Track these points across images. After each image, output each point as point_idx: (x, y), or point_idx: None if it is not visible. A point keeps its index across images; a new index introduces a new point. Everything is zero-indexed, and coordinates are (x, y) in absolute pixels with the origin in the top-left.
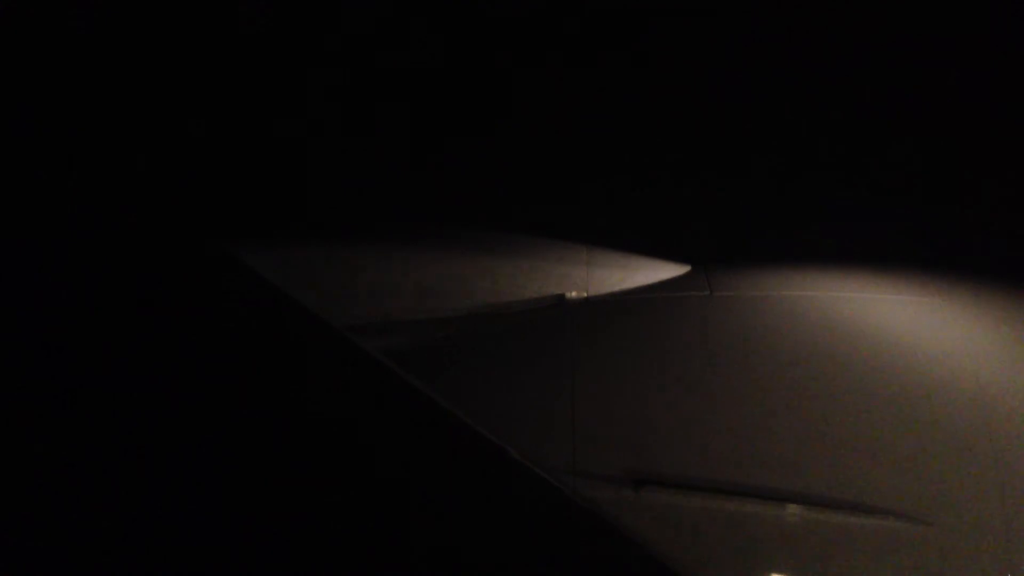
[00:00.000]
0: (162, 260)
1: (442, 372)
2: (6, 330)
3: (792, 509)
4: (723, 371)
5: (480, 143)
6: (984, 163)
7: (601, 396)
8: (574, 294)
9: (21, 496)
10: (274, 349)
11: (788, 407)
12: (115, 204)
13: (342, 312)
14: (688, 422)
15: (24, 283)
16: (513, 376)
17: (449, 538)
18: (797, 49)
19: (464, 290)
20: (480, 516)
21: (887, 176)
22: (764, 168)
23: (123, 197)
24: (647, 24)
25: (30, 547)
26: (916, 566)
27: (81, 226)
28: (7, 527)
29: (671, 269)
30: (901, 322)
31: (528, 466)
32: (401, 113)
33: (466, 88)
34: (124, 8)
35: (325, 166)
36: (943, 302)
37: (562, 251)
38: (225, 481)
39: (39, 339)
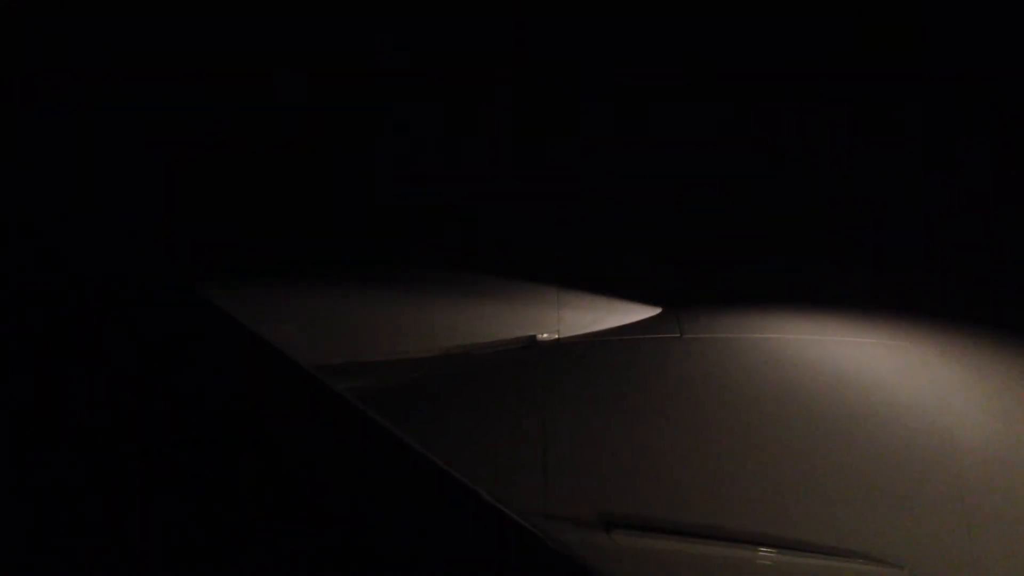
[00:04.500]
0: (128, 299)
1: (412, 413)
2: None
3: (764, 552)
4: (694, 413)
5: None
6: (956, 204)
7: (572, 438)
8: (545, 335)
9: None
10: (241, 388)
11: (758, 450)
12: (81, 240)
13: (310, 352)
14: (659, 465)
15: None
16: (484, 418)
17: None
18: (770, 79)
19: (434, 331)
20: (453, 559)
21: (857, 219)
22: (736, 208)
23: (88, 233)
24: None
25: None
26: None
27: (45, 262)
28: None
29: (642, 311)
30: (870, 366)
31: (500, 509)
32: (368, 151)
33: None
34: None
35: (293, 204)
36: (911, 346)
37: (532, 292)
38: (192, 519)
39: (9, 371)
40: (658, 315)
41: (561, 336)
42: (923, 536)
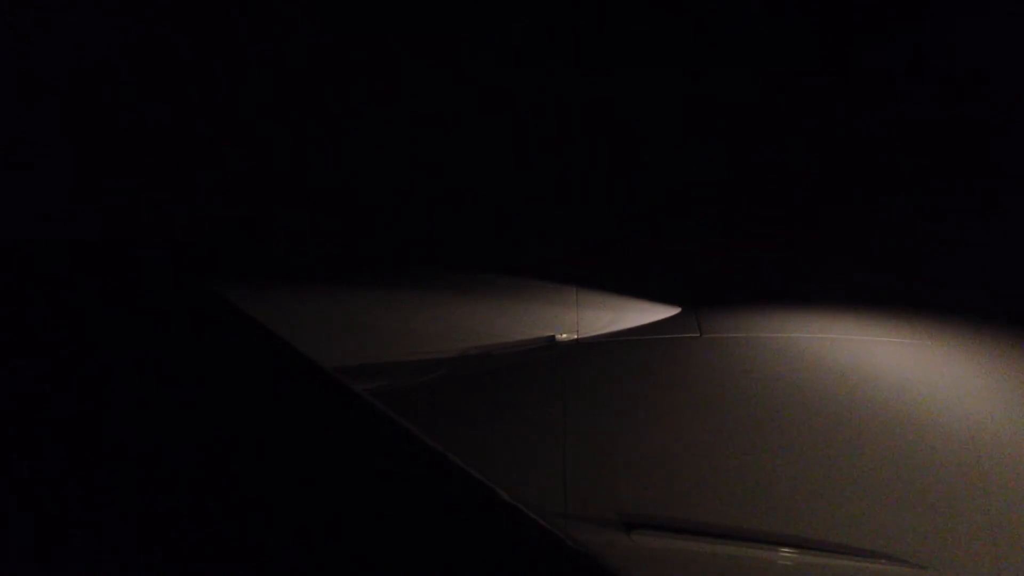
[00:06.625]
0: (151, 300)
1: (431, 414)
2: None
3: (786, 553)
4: (714, 413)
5: (463, 183)
6: (976, 205)
7: (592, 438)
8: (564, 336)
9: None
10: (263, 390)
11: (779, 449)
12: (97, 239)
13: (331, 353)
14: (679, 464)
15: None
16: (503, 418)
17: None
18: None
19: (453, 331)
20: (473, 559)
21: (877, 218)
22: (755, 209)
23: (109, 232)
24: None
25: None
26: None
27: (65, 259)
28: None
29: (661, 310)
30: (892, 365)
31: (520, 509)
32: (383, 151)
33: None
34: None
35: (310, 205)
36: (933, 345)
37: (551, 292)
38: (210, 518)
39: (23, 371)
40: (677, 315)
41: (580, 336)
42: (947, 537)
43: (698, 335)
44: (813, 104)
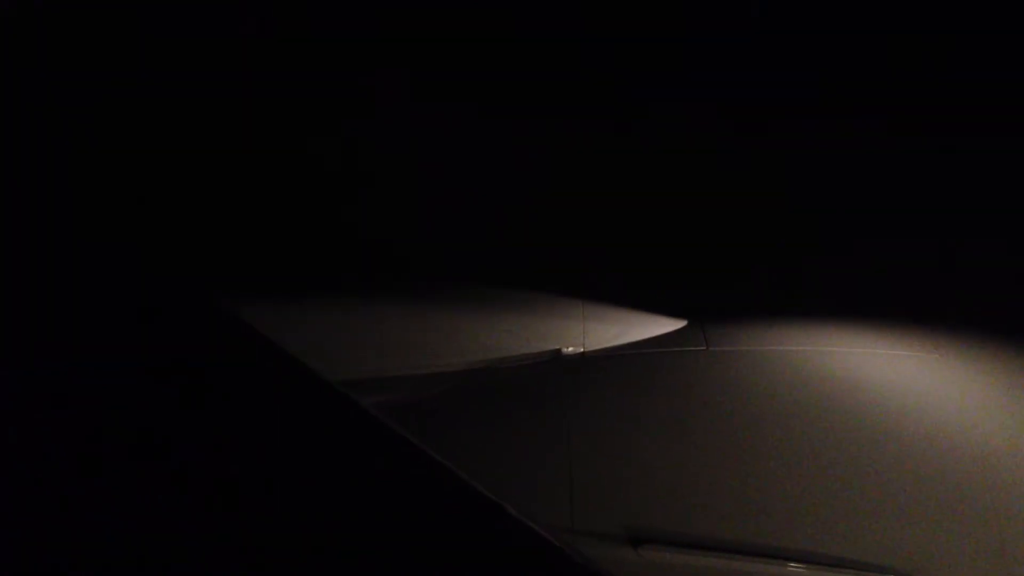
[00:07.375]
0: (156, 313)
1: (437, 427)
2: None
3: (792, 568)
4: (720, 427)
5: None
6: (979, 214)
7: (598, 452)
8: (570, 349)
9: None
10: (267, 403)
11: (785, 463)
12: (109, 252)
13: (336, 367)
14: (686, 479)
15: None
16: (509, 432)
17: None
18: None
19: (459, 345)
20: (478, 574)
21: (884, 228)
22: (760, 220)
23: (116, 245)
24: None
25: None
26: None
27: (66, 259)
28: None
29: (667, 323)
30: (899, 378)
31: (527, 523)
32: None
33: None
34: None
35: (318, 219)
36: (941, 357)
37: (557, 305)
38: (215, 531)
39: (37, 382)
40: (684, 327)
41: (586, 349)
42: (953, 551)
43: (704, 348)
44: (814, 107)
